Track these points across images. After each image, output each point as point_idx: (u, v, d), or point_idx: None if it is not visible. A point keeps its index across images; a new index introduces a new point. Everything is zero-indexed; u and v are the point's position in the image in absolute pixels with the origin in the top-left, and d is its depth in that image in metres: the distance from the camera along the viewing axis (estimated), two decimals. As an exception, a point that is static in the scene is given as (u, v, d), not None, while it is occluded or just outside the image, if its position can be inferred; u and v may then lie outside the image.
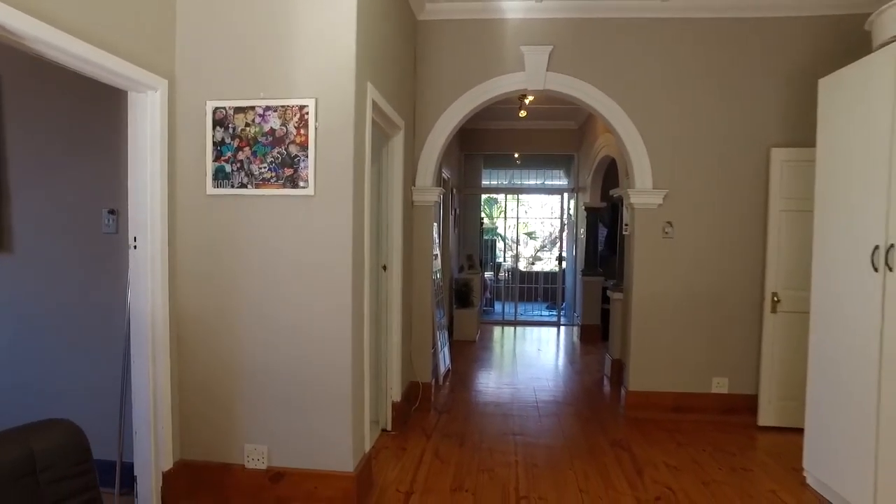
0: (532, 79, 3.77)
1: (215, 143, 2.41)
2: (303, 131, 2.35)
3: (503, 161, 8.33)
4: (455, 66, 3.84)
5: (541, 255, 11.71)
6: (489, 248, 10.05)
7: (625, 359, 4.01)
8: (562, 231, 8.31)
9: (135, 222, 2.30)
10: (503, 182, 8.80)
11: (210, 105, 2.40)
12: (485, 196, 9.69)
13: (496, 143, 7.42)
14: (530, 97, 5.05)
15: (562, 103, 5.39)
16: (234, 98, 2.40)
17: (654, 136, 3.74)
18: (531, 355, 5.90)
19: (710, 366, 3.79)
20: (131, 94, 2.25)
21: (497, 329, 7.39)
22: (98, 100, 2.48)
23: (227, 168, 2.41)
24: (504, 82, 3.80)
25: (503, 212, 9.91)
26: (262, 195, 2.40)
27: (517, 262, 9.36)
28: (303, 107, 2.35)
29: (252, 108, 2.38)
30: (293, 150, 2.36)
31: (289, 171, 2.37)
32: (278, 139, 2.37)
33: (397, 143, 3.42)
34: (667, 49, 3.72)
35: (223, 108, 2.40)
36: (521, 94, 4.06)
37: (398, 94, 3.30)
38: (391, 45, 3.10)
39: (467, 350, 5.90)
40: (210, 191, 2.42)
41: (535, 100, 5.34)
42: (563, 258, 8.12)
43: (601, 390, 4.54)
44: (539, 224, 11.39)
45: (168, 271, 2.39)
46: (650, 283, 3.79)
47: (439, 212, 5.08)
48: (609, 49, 3.75)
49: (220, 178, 2.42)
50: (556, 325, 7.72)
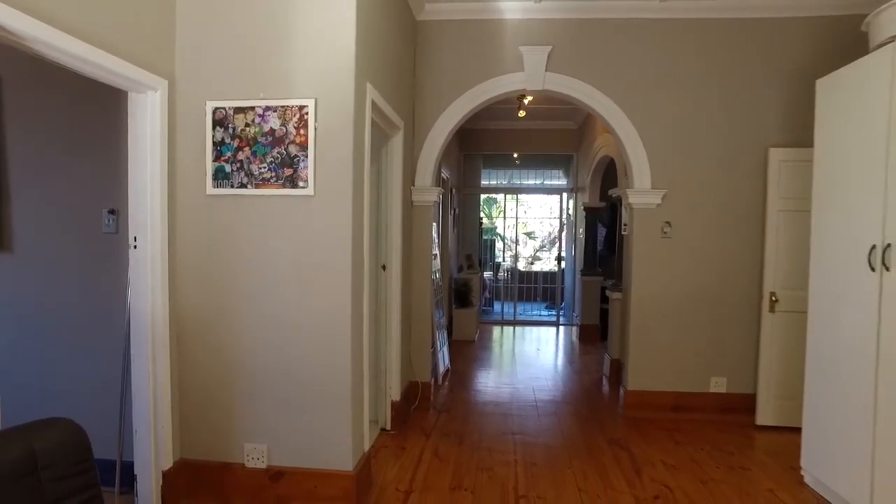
0: (531, 79, 3.78)
1: (215, 143, 2.42)
2: (302, 131, 2.36)
3: (502, 161, 8.34)
4: (454, 67, 3.84)
5: (540, 254, 11.73)
6: (488, 247, 10.07)
7: (623, 358, 4.02)
8: (561, 231, 8.32)
9: (135, 222, 2.31)
10: (502, 182, 8.82)
11: (210, 105, 2.41)
12: (484, 196, 9.70)
13: (495, 143, 7.43)
14: (529, 97, 5.06)
15: (561, 103, 5.39)
16: (234, 98, 2.40)
17: (652, 136, 3.75)
18: (530, 355, 5.91)
19: (709, 365, 3.80)
20: (131, 95, 2.26)
21: (496, 329, 7.40)
22: (98, 100, 2.49)
23: (227, 168, 2.42)
24: (503, 82, 3.81)
25: (502, 212, 9.93)
26: (262, 195, 2.41)
27: (516, 262, 9.37)
28: (302, 107, 2.35)
29: (252, 108, 2.39)
30: (293, 150, 2.37)
31: (288, 171, 2.38)
32: (278, 139, 2.38)
33: (397, 143, 3.43)
34: (665, 49, 3.73)
35: (223, 108, 2.41)
36: (521, 94, 4.07)
37: (397, 94, 3.31)
38: (391, 45, 3.10)
39: (466, 350, 5.90)
40: (210, 191, 2.43)
41: (534, 100, 5.35)
42: (562, 258, 8.13)
43: (600, 390, 4.55)
44: (538, 224, 11.41)
45: (168, 271, 2.40)
46: (649, 282, 3.80)
47: (438, 212, 5.09)
48: (608, 49, 3.76)
49: (220, 178, 2.42)
50: (555, 324, 7.74)
